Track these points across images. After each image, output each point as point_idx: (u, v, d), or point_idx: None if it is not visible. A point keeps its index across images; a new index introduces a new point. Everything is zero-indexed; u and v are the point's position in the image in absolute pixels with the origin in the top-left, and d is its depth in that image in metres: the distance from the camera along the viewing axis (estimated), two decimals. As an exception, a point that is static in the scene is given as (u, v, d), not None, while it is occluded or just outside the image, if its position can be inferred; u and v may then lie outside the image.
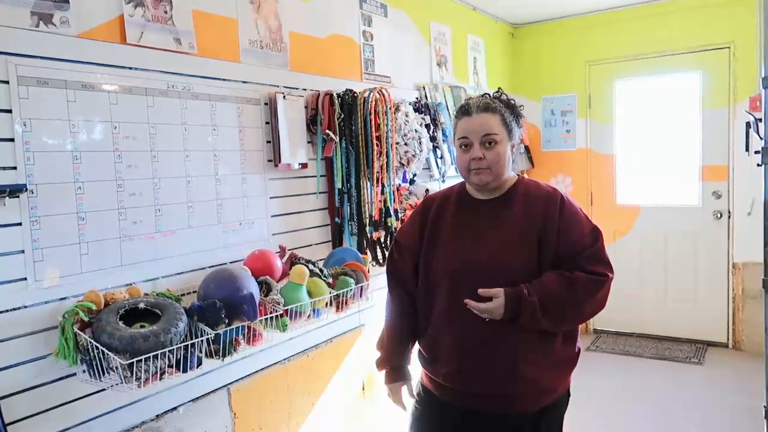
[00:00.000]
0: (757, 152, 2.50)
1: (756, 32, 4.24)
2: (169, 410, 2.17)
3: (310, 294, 2.34)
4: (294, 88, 2.70)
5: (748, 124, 3.51)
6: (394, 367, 1.90)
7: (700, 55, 4.53)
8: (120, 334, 1.72)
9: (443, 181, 3.74)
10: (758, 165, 2.70)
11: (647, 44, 4.69)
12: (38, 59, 1.79)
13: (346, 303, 2.51)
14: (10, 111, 1.72)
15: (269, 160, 2.59)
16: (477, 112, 1.73)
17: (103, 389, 1.86)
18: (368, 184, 2.89)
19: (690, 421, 3.49)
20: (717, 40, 4.44)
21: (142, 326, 1.81)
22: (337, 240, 2.90)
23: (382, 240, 3.01)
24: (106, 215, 1.97)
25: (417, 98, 3.61)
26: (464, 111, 1.77)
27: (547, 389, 1.74)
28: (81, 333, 1.73)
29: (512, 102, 1.80)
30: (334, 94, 2.77)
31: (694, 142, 4.62)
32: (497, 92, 1.82)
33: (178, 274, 2.20)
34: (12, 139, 1.73)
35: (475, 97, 1.80)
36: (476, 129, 1.72)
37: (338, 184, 2.83)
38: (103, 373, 1.74)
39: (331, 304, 2.48)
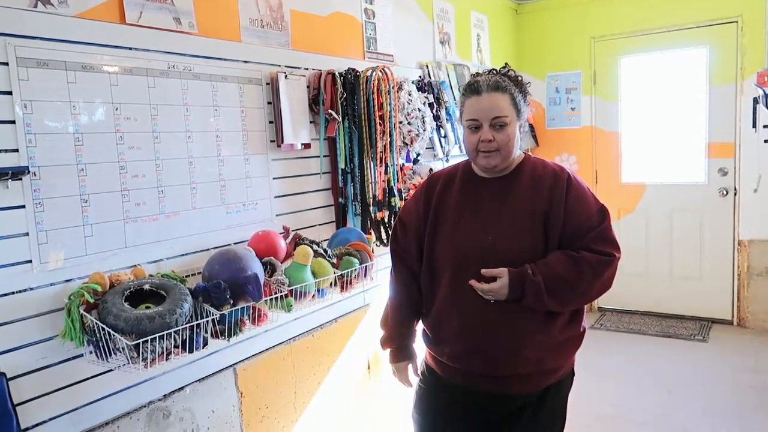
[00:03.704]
0: (765, 126, 2.48)
1: (765, 6, 4.17)
2: (176, 390, 2.19)
3: (314, 274, 2.34)
4: (296, 68, 2.68)
5: (755, 100, 3.48)
6: (398, 346, 1.91)
7: (707, 30, 4.46)
8: (126, 315, 1.73)
9: (447, 160, 3.72)
10: (765, 141, 2.69)
11: (653, 19, 4.62)
12: (37, 40, 1.77)
13: (350, 283, 2.52)
14: (10, 93, 1.71)
15: (272, 141, 2.57)
16: (487, 92, 1.67)
17: (110, 370, 1.88)
18: (371, 163, 2.87)
19: (694, 397, 3.51)
20: (724, 14, 4.37)
21: (147, 307, 1.82)
22: (340, 220, 2.89)
23: (386, 220, 3.00)
24: (109, 197, 1.96)
25: (420, 77, 3.58)
26: (473, 89, 1.70)
27: (552, 369, 1.74)
28: (87, 314, 1.74)
29: (520, 78, 1.75)
30: (337, 73, 2.74)
31: (700, 119, 4.58)
32: (504, 68, 1.77)
33: (183, 255, 2.20)
34: (13, 122, 1.72)
35: (484, 75, 1.74)
36: (486, 110, 1.67)
37: (341, 164, 2.82)
38: (110, 354, 1.76)
39: (335, 284, 2.48)
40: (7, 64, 1.70)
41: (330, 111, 2.71)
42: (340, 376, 2.95)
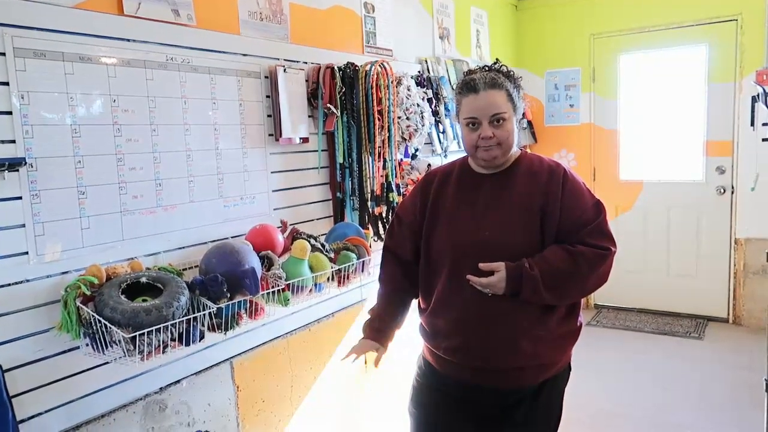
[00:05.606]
0: (765, 124, 2.47)
1: (765, 4, 4.17)
2: (172, 383, 2.18)
3: (311, 269, 2.34)
4: (294, 61, 2.67)
5: (754, 98, 3.47)
6: (376, 327, 1.86)
7: (707, 28, 4.46)
8: (122, 308, 1.72)
9: (445, 155, 3.72)
10: (763, 140, 2.68)
11: (653, 16, 4.62)
12: (35, 30, 1.76)
13: (347, 278, 2.52)
14: (7, 84, 1.70)
15: (270, 135, 2.57)
16: (484, 89, 1.68)
17: (107, 363, 1.87)
18: (370, 158, 2.86)
19: (690, 394, 3.52)
20: (724, 12, 4.37)
21: (144, 300, 1.82)
22: (338, 215, 2.89)
23: (384, 215, 3.00)
24: (106, 189, 1.96)
25: (419, 72, 3.57)
26: (470, 88, 1.70)
27: (548, 363, 1.75)
28: (83, 307, 1.73)
29: (512, 73, 1.77)
30: (335, 68, 2.73)
31: (698, 117, 4.58)
32: (496, 63, 1.78)
33: (180, 248, 2.20)
34: (10, 112, 1.71)
35: (479, 72, 1.74)
36: (484, 108, 1.67)
37: (340, 159, 2.82)
38: (106, 347, 1.75)
39: (332, 279, 2.48)
40: (4, 54, 1.69)
41: (328, 105, 2.70)
42: (336, 370, 2.95)
